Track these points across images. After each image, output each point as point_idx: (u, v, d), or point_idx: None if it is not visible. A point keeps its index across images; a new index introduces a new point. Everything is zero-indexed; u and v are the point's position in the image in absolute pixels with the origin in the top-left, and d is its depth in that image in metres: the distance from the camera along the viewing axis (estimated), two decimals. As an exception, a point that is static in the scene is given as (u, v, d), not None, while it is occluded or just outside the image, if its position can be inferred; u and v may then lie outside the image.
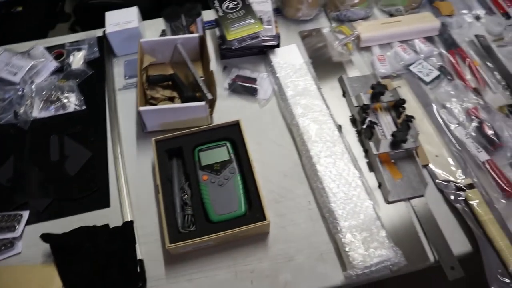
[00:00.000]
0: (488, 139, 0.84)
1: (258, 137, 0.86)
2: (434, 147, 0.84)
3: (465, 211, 0.76)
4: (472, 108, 0.88)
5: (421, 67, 0.94)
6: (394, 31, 0.96)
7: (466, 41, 1.01)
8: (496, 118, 0.87)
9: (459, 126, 0.86)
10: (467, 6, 1.07)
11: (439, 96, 0.91)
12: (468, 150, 0.83)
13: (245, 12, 0.92)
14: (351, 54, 0.97)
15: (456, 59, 0.96)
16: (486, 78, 0.94)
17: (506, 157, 0.83)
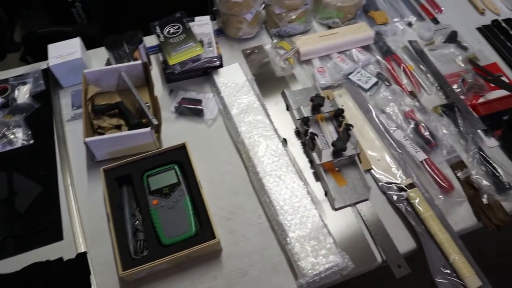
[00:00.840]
0: (424, 139, 0.88)
1: (207, 157, 0.87)
2: (376, 152, 0.88)
3: (407, 210, 0.80)
4: (408, 111, 0.93)
5: (360, 75, 0.98)
6: (331, 43, 1.00)
7: (400, 47, 1.06)
8: (431, 118, 0.92)
9: (398, 129, 0.90)
10: (400, 14, 1.13)
11: (378, 102, 0.96)
12: (407, 151, 0.88)
13: (185, 36, 0.94)
14: (293, 68, 1.01)
15: (392, 65, 1.01)
16: (420, 81, 1.00)
17: (442, 155, 0.88)
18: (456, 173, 0.86)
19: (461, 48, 1.07)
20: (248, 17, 0.99)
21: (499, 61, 1.06)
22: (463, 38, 1.09)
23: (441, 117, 0.93)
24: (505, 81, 1.02)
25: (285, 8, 1.00)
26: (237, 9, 0.97)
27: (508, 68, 1.05)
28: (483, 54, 1.07)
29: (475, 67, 1.03)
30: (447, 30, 1.10)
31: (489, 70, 1.03)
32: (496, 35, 1.11)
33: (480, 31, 1.12)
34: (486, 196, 0.82)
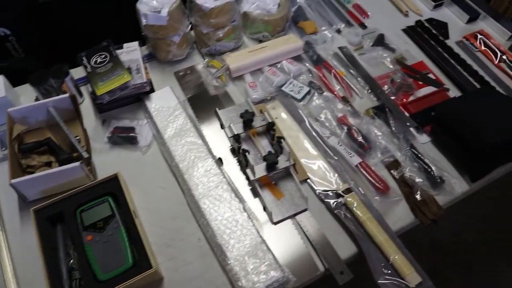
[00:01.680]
0: (358, 143, 0.90)
1: (143, 184, 0.86)
2: (312, 160, 0.88)
3: (345, 216, 0.81)
4: (341, 116, 0.94)
5: (292, 86, 1.00)
6: (261, 57, 1.02)
7: (331, 55, 1.08)
8: (364, 121, 0.94)
9: (332, 136, 0.92)
10: (328, 22, 1.16)
11: (312, 110, 0.97)
12: (342, 156, 0.89)
13: (113, 65, 0.93)
14: (225, 85, 1.01)
15: (323, 73, 1.03)
16: (352, 86, 1.02)
17: (377, 156, 0.90)
18: (392, 173, 0.88)
19: (389, 50, 1.10)
20: (175, 39, 0.99)
21: (425, 59, 1.10)
22: (390, 40, 1.13)
23: (373, 119, 0.96)
24: (432, 78, 1.05)
25: (212, 27, 1.00)
26: (163, 33, 0.97)
27: (434, 65, 1.09)
28: (410, 54, 1.10)
29: (403, 67, 1.06)
30: (374, 33, 1.13)
31: (416, 69, 1.06)
32: (420, 34, 1.15)
33: (406, 32, 1.16)
34: (419, 192, 0.83)
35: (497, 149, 0.81)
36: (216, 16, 0.98)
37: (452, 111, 0.87)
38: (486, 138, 0.80)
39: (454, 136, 0.87)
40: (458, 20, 1.21)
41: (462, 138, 0.84)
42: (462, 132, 0.84)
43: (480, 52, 1.13)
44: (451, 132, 0.87)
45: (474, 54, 1.12)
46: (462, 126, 0.84)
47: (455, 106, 0.89)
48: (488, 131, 0.81)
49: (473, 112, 0.85)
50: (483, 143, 0.80)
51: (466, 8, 1.20)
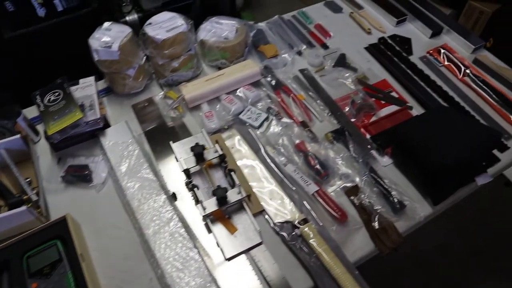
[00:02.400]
0: (315, 170, 0.88)
1: (96, 224, 0.84)
2: (268, 191, 0.86)
3: (301, 248, 0.78)
4: (299, 143, 0.92)
5: (250, 113, 0.98)
6: (218, 85, 1.00)
7: (291, 78, 1.06)
8: (322, 147, 0.92)
9: (289, 164, 0.89)
10: (289, 45, 1.15)
11: (270, 137, 0.95)
12: (299, 185, 0.86)
13: (66, 102, 0.92)
14: (183, 116, 0.99)
15: (282, 98, 1.02)
16: (311, 109, 1.00)
17: (336, 183, 0.87)
18: (352, 199, 0.85)
19: (351, 70, 1.08)
20: (130, 72, 0.98)
21: (388, 77, 1.08)
22: (353, 59, 1.11)
23: (332, 144, 0.93)
24: (395, 96, 1.03)
25: (167, 58, 0.99)
26: (116, 67, 0.96)
27: (397, 83, 1.07)
28: (372, 72, 1.08)
29: (365, 86, 1.05)
30: (336, 53, 1.12)
31: (379, 88, 1.04)
32: (383, 52, 1.13)
33: (368, 50, 1.15)
34: (377, 219, 0.80)
35: (453, 171, 0.78)
36: (169, 47, 0.97)
37: (408, 132, 0.85)
38: (439, 160, 0.78)
39: (412, 158, 0.84)
40: (422, 35, 1.20)
41: (418, 160, 0.82)
42: (418, 154, 0.82)
43: (444, 67, 1.11)
44: (409, 154, 0.85)
45: (438, 69, 1.10)
46: (418, 147, 0.82)
47: (412, 127, 0.86)
48: (442, 152, 0.78)
49: (428, 133, 0.83)
50: (437, 165, 0.78)
51: (429, 22, 1.19)
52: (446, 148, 0.79)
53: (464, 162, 0.78)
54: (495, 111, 1.01)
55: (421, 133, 0.83)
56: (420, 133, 0.83)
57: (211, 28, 1.07)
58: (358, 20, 1.21)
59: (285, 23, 1.21)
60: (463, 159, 0.78)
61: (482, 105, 1.02)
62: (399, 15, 1.21)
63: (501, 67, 1.09)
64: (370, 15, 1.24)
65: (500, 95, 1.03)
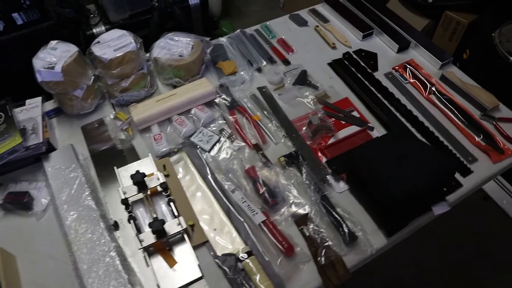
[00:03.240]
0: (263, 198, 0.83)
1: (33, 255, 0.80)
2: (213, 220, 0.82)
3: (242, 284, 0.74)
4: (249, 168, 0.88)
5: (202, 136, 0.94)
6: (169, 105, 0.96)
7: (248, 97, 1.02)
8: (274, 172, 0.88)
9: (237, 190, 0.85)
10: (248, 61, 1.10)
11: (220, 162, 0.91)
12: (246, 214, 0.82)
13: (6, 126, 0.89)
14: (132, 139, 0.95)
15: (236, 118, 0.97)
16: (266, 131, 0.95)
17: (286, 212, 0.83)
18: (302, 230, 0.81)
19: (312, 87, 1.04)
20: (78, 93, 0.94)
21: (351, 95, 1.04)
22: (314, 76, 1.07)
23: (285, 169, 0.89)
24: (356, 116, 0.99)
25: (117, 78, 0.95)
26: (62, 88, 0.92)
27: (359, 101, 1.02)
28: (334, 90, 1.04)
29: (325, 105, 1.00)
30: (297, 70, 1.07)
31: (339, 107, 1.00)
32: (346, 68, 1.09)
33: (331, 66, 1.10)
34: (324, 253, 0.76)
35: (403, 203, 0.74)
36: (117, 66, 0.93)
37: (360, 159, 0.80)
38: (389, 193, 0.73)
39: (364, 188, 0.80)
40: (389, 50, 1.15)
41: (369, 190, 0.78)
42: (369, 184, 0.77)
43: (410, 84, 1.06)
44: (361, 183, 0.80)
45: (403, 87, 1.05)
46: (369, 177, 0.77)
47: (364, 154, 0.82)
48: (393, 184, 0.74)
49: (380, 161, 0.78)
50: (386, 198, 0.73)
51: (396, 37, 1.14)
52: (398, 179, 0.74)
53: (416, 193, 0.73)
54: (460, 132, 0.97)
55: (373, 161, 0.78)
56: (372, 161, 0.79)
57: (165, 45, 1.03)
58: (323, 34, 1.17)
59: (247, 37, 1.17)
60: (415, 191, 0.73)
61: (447, 125, 0.98)
62: (365, 29, 1.16)
63: (468, 84, 1.04)
64: (336, 28, 1.19)
65: (465, 115, 0.99)
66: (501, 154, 0.93)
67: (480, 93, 1.02)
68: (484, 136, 0.95)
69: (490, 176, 0.91)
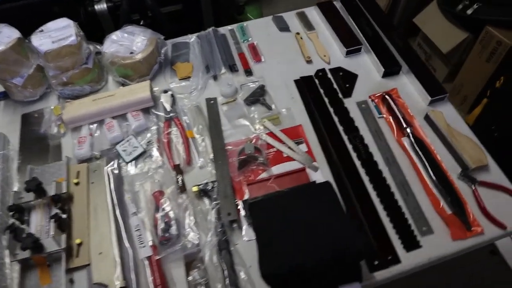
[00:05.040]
0: (156, 231, 0.75)
1: None
2: (102, 242, 0.76)
3: (103, 323, 0.68)
4: (156, 192, 0.80)
5: (128, 145, 0.87)
6: (103, 107, 0.90)
7: (191, 107, 0.92)
8: (180, 201, 0.79)
9: (136, 215, 0.78)
10: (208, 65, 0.99)
11: (136, 178, 0.83)
12: (134, 243, 0.75)
13: None
14: (62, 136, 0.91)
15: (168, 131, 0.88)
16: (195, 151, 0.86)
17: (178, 251, 0.74)
18: (189, 275, 0.72)
19: (265, 107, 0.91)
20: (17, 81, 0.92)
21: (306, 123, 0.89)
22: (274, 94, 0.93)
23: (198, 200, 0.79)
24: (303, 150, 0.84)
25: (57, 70, 0.91)
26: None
27: (313, 132, 0.87)
28: (290, 114, 0.90)
29: (270, 132, 0.87)
30: (256, 84, 0.94)
31: (287, 135, 0.86)
32: (313, 89, 0.93)
33: (297, 84, 0.95)
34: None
35: (283, 281, 0.61)
36: (53, 59, 0.89)
37: (257, 212, 0.68)
38: (268, 263, 0.61)
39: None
40: (375, 73, 0.96)
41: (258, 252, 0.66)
42: (259, 245, 0.65)
43: (384, 120, 0.88)
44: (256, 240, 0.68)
45: (375, 122, 0.88)
46: (258, 237, 0.65)
47: (264, 206, 0.69)
48: (276, 255, 0.61)
49: (277, 221, 0.65)
50: (263, 269, 0.61)
51: (385, 59, 0.95)
52: (285, 250, 0.61)
53: (301, 271, 0.60)
54: (424, 191, 0.78)
55: (268, 220, 0.66)
56: (267, 220, 0.66)
57: (118, 39, 0.96)
58: (302, 44, 1.01)
59: (218, 38, 1.04)
60: (299, 269, 0.60)
61: (411, 179, 0.80)
62: (352, 43, 0.98)
63: (455, 131, 0.83)
64: (320, 39, 1.02)
65: (438, 170, 0.80)
66: (467, 230, 0.73)
67: (467, 146, 0.81)
68: (452, 201, 0.76)
69: (443, 256, 0.73)
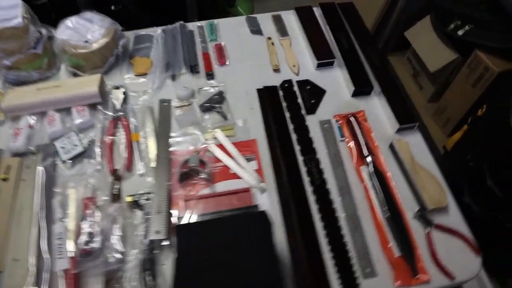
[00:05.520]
0: (76, 243, 0.69)
1: None
2: (20, 248, 0.70)
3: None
4: (86, 199, 0.74)
5: (68, 142, 0.81)
6: (47, 98, 0.83)
7: (144, 108, 0.85)
8: (112, 211, 0.72)
9: (60, 222, 0.72)
10: (168, 63, 0.91)
11: (73, 180, 0.77)
12: (53, 253, 0.69)
13: None
14: (0, 124, 0.85)
15: (113, 132, 0.82)
16: (138, 157, 0.79)
17: (99, 265, 0.68)
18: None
19: (220, 116, 0.84)
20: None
21: (261, 138, 0.82)
22: (233, 102, 0.86)
23: (129, 212, 0.73)
24: (252, 168, 0.78)
25: (1, 52, 0.84)
26: None
27: (267, 149, 0.80)
28: (246, 126, 0.83)
29: (219, 144, 0.80)
30: (215, 89, 0.87)
31: (238, 150, 0.80)
32: (275, 101, 0.86)
33: (259, 93, 0.88)
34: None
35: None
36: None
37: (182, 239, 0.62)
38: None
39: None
40: (345, 91, 0.89)
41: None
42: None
43: (345, 144, 0.81)
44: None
45: (335, 145, 0.81)
46: (175, 268, 0.59)
47: (189, 233, 0.63)
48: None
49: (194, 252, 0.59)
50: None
51: (358, 76, 0.87)
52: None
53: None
54: (374, 228, 0.72)
55: (196, 248, 0.59)
56: (195, 247, 0.60)
57: (74, 25, 0.89)
58: (271, 50, 0.93)
59: (185, 33, 0.97)
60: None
61: (362, 214, 0.73)
62: (325, 56, 0.90)
63: (419, 166, 0.76)
64: (293, 46, 0.95)
65: (393, 207, 0.73)
66: (412, 277, 0.67)
67: (428, 184, 0.74)
68: (402, 243, 0.70)
69: (381, 304, 0.67)
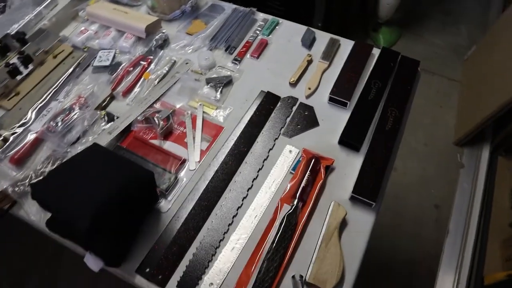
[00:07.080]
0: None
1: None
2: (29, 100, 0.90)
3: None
4: (81, 96, 0.89)
5: (106, 55, 0.98)
6: (114, 18, 1.02)
7: (171, 59, 0.96)
8: (86, 115, 0.86)
9: (57, 101, 0.89)
10: (214, 36, 1.00)
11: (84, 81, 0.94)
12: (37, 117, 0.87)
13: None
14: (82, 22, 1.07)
15: (134, 64, 0.96)
16: (136, 89, 0.92)
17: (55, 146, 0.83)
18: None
19: (214, 91, 0.89)
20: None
21: (230, 130, 0.84)
22: (234, 90, 0.90)
23: (100, 120, 0.86)
24: (202, 146, 0.81)
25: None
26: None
27: (225, 140, 0.82)
28: (227, 113, 0.87)
29: (195, 116, 0.86)
30: (228, 76, 0.92)
31: (206, 129, 0.84)
32: (267, 109, 0.87)
33: (262, 96, 0.88)
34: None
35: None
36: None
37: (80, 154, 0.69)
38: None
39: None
40: (336, 135, 0.82)
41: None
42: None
43: (291, 177, 0.77)
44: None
45: (281, 172, 0.78)
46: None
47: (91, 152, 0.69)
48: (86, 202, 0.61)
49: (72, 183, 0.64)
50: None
51: (355, 129, 0.80)
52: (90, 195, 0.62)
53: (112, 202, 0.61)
54: (250, 254, 0.69)
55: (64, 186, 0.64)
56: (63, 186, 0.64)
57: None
58: (301, 65, 0.92)
59: (247, 19, 1.03)
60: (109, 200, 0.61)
61: (253, 236, 0.70)
62: (339, 93, 0.85)
63: (336, 239, 0.68)
64: (327, 73, 0.91)
65: (280, 253, 0.68)
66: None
67: (328, 260, 0.66)
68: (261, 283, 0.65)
69: None
